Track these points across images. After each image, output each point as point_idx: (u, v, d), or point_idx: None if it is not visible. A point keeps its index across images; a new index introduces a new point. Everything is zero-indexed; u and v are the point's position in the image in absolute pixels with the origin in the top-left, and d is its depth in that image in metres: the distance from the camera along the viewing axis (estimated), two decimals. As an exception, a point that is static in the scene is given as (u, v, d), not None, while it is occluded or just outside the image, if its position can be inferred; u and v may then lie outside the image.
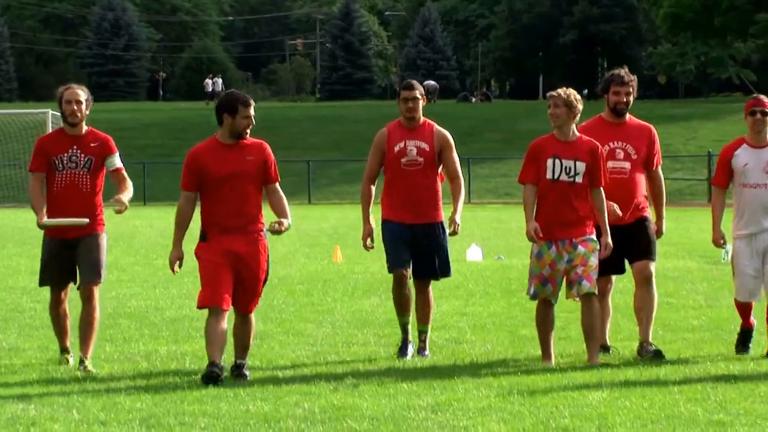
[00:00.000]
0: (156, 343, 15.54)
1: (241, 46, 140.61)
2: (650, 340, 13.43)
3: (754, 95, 12.94)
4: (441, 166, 13.59)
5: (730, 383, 11.92)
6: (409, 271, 13.97)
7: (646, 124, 13.84)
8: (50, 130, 65.88)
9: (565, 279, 12.98)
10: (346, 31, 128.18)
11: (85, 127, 13.24)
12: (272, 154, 12.61)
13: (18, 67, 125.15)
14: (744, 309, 12.99)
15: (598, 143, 12.96)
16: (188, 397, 11.73)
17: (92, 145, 13.19)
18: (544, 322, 13.08)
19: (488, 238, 34.78)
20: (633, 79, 13.53)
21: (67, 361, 13.65)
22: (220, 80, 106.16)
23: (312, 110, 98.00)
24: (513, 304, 18.93)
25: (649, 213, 13.58)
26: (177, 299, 20.24)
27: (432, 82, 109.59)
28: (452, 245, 14.24)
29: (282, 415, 11.03)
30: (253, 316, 12.92)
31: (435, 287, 20.77)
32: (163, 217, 42.93)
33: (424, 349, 14.02)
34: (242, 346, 12.82)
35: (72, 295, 13.86)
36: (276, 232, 12.50)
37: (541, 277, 12.84)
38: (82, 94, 13.14)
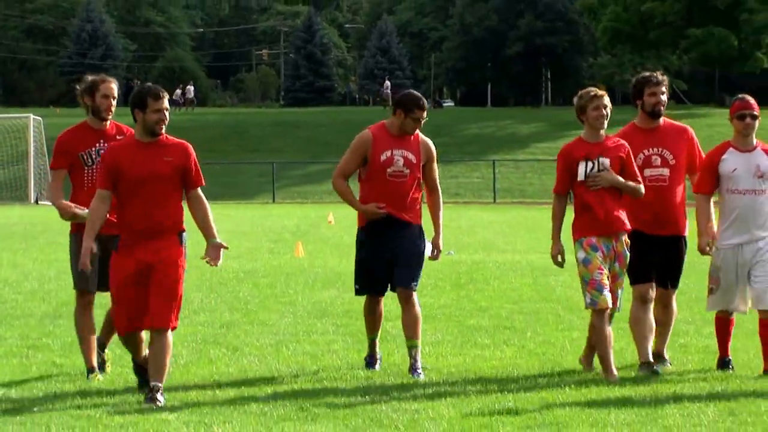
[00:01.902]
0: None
1: (210, 56, 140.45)
2: (665, 353, 12.46)
3: (740, 96, 11.78)
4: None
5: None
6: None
7: (683, 125, 12.57)
8: (32, 134, 66.08)
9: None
10: (309, 42, 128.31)
11: (109, 121, 12.10)
12: (195, 157, 10.96)
13: (2, 74, 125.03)
14: (725, 328, 11.84)
15: (626, 145, 11.79)
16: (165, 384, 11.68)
17: (119, 138, 11.87)
18: (603, 334, 11.63)
19: (454, 232, 34.77)
20: (666, 79, 12.27)
21: (98, 379, 11.91)
22: (192, 88, 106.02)
23: (276, 116, 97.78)
24: (462, 296, 18.92)
25: (687, 230, 12.18)
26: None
27: (388, 83, 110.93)
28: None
29: (247, 399, 11.03)
30: (170, 335, 10.73)
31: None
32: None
33: (417, 369, 12.19)
34: (156, 367, 10.68)
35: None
36: (213, 261, 10.87)
37: (594, 283, 11.49)
38: (116, 87, 12.12)
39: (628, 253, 11.65)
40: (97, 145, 11.82)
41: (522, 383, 11.80)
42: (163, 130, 10.75)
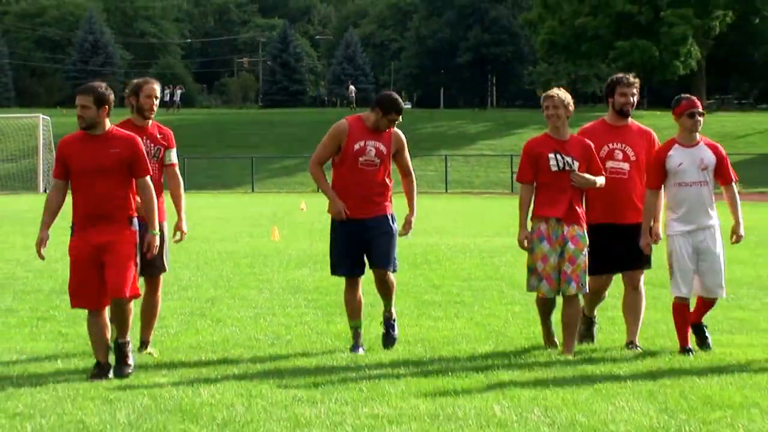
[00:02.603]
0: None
1: (197, 64, 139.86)
2: (637, 341, 11.66)
3: (685, 96, 11.40)
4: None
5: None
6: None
7: (647, 128, 12.03)
8: (41, 132, 65.80)
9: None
10: (284, 51, 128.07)
11: (151, 120, 11.65)
12: (141, 148, 10.46)
13: (15, 79, 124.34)
14: (683, 317, 11.20)
15: (589, 143, 11.41)
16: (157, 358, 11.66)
17: (158, 136, 11.63)
18: (545, 308, 11.41)
19: (398, 218, 34.74)
20: (636, 81, 11.85)
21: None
22: (179, 91, 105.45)
23: (255, 116, 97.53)
24: (417, 275, 18.89)
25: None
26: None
27: (352, 87, 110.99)
28: None
29: (229, 364, 11.05)
30: (131, 304, 10.38)
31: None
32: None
33: (390, 324, 12.00)
34: (120, 328, 10.39)
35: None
36: (147, 250, 10.42)
37: (536, 272, 11.13)
38: (159, 88, 11.71)
39: (584, 238, 11.16)
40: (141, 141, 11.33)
41: (469, 350, 11.83)
42: (85, 124, 10.27)
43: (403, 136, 11.90)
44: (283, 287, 17.57)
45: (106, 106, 10.25)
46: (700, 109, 11.17)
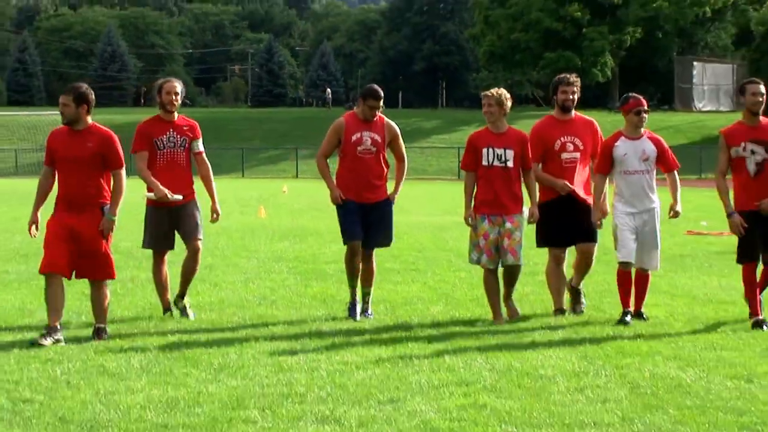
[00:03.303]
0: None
1: (197, 70, 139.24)
2: (581, 287, 11.45)
3: (632, 96, 11.10)
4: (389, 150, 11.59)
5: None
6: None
7: (590, 119, 11.68)
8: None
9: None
10: (269, 61, 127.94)
11: (176, 114, 11.28)
12: (116, 143, 9.98)
13: (45, 83, 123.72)
14: (626, 282, 10.86)
15: (525, 134, 11.15)
16: (145, 313, 11.65)
17: (185, 128, 11.24)
18: (490, 287, 10.95)
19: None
20: (577, 81, 11.53)
21: (171, 314, 11.37)
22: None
23: (245, 114, 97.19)
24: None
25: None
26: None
27: (329, 90, 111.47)
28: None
29: (223, 321, 11.06)
30: (105, 286, 10.05)
31: (325, 236, 20.77)
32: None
33: (367, 310, 11.46)
34: (98, 312, 10.04)
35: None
36: (105, 230, 9.86)
37: (478, 247, 10.84)
38: (179, 86, 11.31)
39: (520, 218, 10.86)
40: (168, 133, 11.14)
41: (423, 309, 11.86)
42: (67, 120, 9.90)
43: (396, 127, 11.54)
44: (268, 257, 17.57)
45: (86, 105, 9.86)
46: (645, 107, 10.96)
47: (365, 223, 11.37)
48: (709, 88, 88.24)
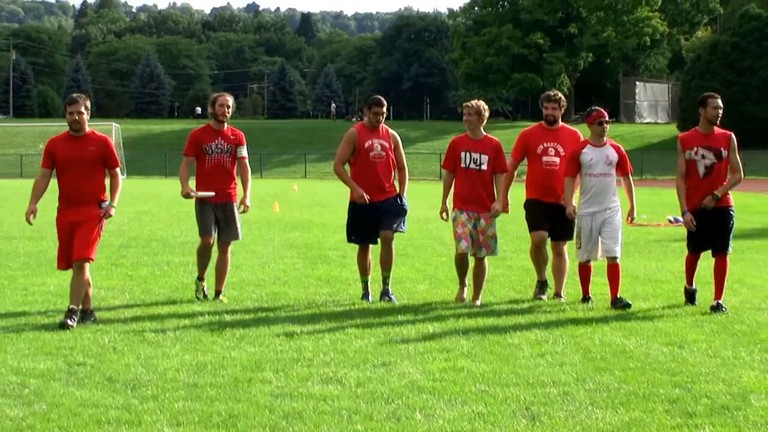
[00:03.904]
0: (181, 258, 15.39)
1: (221, 88, 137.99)
2: (562, 293, 10.95)
3: (596, 109, 10.74)
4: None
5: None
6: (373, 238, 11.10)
7: (575, 129, 11.19)
8: (113, 134, 65.30)
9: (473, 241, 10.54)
10: (282, 80, 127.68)
11: (226, 124, 10.85)
12: (112, 147, 9.63)
13: (95, 99, 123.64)
14: (586, 275, 10.63)
15: (499, 141, 10.81)
16: (178, 292, 11.63)
17: (231, 137, 10.82)
18: (460, 268, 10.64)
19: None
20: (560, 97, 10.98)
21: (203, 292, 10.96)
22: (199, 109, 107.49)
23: (262, 124, 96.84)
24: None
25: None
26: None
27: (333, 104, 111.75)
28: (340, 200, 13.81)
29: (243, 298, 11.05)
30: (87, 269, 9.39)
31: (328, 227, 20.77)
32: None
33: (388, 292, 10.91)
34: (75, 294, 9.33)
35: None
36: (106, 215, 9.47)
37: (457, 235, 10.50)
38: (230, 100, 10.91)
39: (491, 216, 10.54)
40: (216, 140, 10.75)
41: (411, 287, 11.86)
42: (78, 127, 9.40)
43: (398, 136, 11.11)
44: (281, 244, 17.57)
45: (88, 112, 9.52)
46: (606, 119, 10.69)
47: (378, 214, 10.83)
48: (649, 103, 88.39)
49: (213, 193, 10.69)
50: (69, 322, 9.07)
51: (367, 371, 7.38)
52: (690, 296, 10.50)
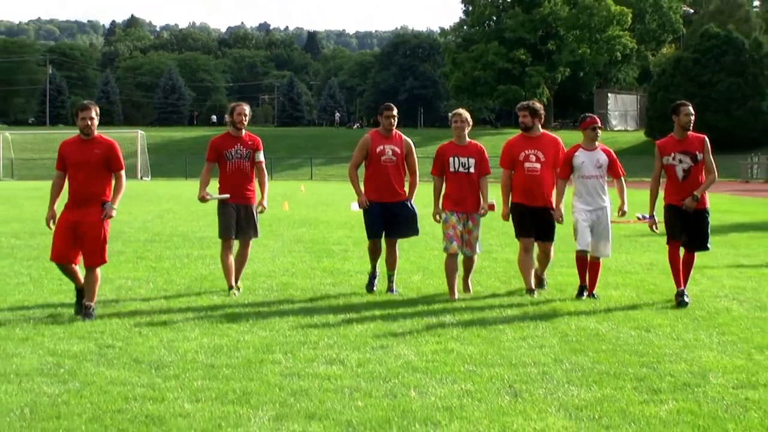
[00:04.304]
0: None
1: (235, 99, 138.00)
2: (545, 277, 10.75)
3: (589, 115, 10.54)
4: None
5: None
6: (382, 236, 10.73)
7: (555, 137, 10.78)
8: (138, 141, 65.42)
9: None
10: (290, 91, 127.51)
11: (243, 131, 10.57)
12: (117, 150, 9.27)
13: (123, 108, 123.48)
14: (583, 264, 10.22)
15: (483, 146, 10.60)
16: (197, 282, 11.62)
17: (249, 142, 10.55)
18: (450, 269, 10.27)
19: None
20: (531, 105, 10.63)
21: (234, 294, 10.35)
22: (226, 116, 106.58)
23: (273, 131, 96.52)
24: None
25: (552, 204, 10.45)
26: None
27: (338, 114, 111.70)
28: (343, 200, 13.80)
29: (256, 287, 11.02)
30: (98, 271, 9.10)
31: (332, 224, 20.74)
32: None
33: (391, 288, 10.62)
34: (89, 292, 9.05)
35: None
36: (106, 216, 9.05)
37: (448, 236, 10.23)
38: (247, 109, 10.68)
39: (480, 216, 10.38)
40: (236, 146, 10.48)
41: (406, 277, 11.83)
42: (89, 131, 9.13)
43: (411, 142, 10.82)
44: (290, 239, 17.55)
45: (98, 117, 9.27)
46: (599, 125, 10.45)
47: (388, 218, 10.57)
48: (620, 112, 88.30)
49: (228, 196, 10.46)
50: (92, 315, 8.88)
51: (366, 353, 7.38)
52: (680, 299, 9.78)
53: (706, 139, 10.10)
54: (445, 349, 7.53)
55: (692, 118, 9.93)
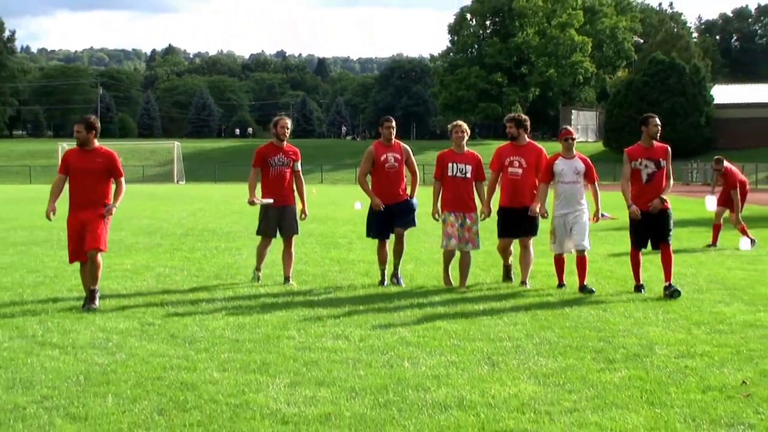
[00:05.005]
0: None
1: (257, 115, 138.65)
2: (527, 281, 10.09)
3: (565, 128, 10.08)
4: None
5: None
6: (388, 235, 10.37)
7: (539, 146, 10.31)
8: (176, 155, 65.35)
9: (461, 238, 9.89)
10: (303, 108, 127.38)
11: (285, 142, 10.32)
12: (117, 160, 8.69)
13: (161, 123, 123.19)
14: (560, 265, 9.92)
15: (479, 155, 10.26)
16: (224, 269, 11.58)
17: (290, 153, 10.25)
18: (447, 262, 10.03)
19: (365, 198, 34.53)
20: (517, 117, 10.21)
21: (258, 277, 10.34)
22: (250, 130, 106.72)
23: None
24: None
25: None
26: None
27: (344, 128, 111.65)
28: (348, 200, 13.69)
29: (274, 274, 10.93)
30: (99, 257, 8.54)
31: (339, 221, 20.70)
32: (227, 189, 41.93)
33: (397, 275, 10.28)
34: (92, 277, 8.52)
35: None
36: (108, 213, 8.59)
37: (447, 234, 9.86)
38: (289, 122, 10.42)
39: (476, 216, 9.96)
40: (278, 155, 10.17)
41: (401, 267, 11.78)
42: (80, 142, 8.64)
43: (408, 148, 10.44)
44: (302, 233, 17.30)
45: (93, 131, 8.65)
46: (573, 136, 10.03)
47: (392, 214, 10.19)
48: (581, 126, 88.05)
49: (272, 200, 10.10)
50: (93, 305, 8.43)
51: (367, 330, 7.37)
52: (638, 289, 9.67)
53: (669, 148, 9.82)
54: (434, 326, 7.52)
55: (659, 128, 9.65)
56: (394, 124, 10.26)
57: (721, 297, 9.30)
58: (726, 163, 15.77)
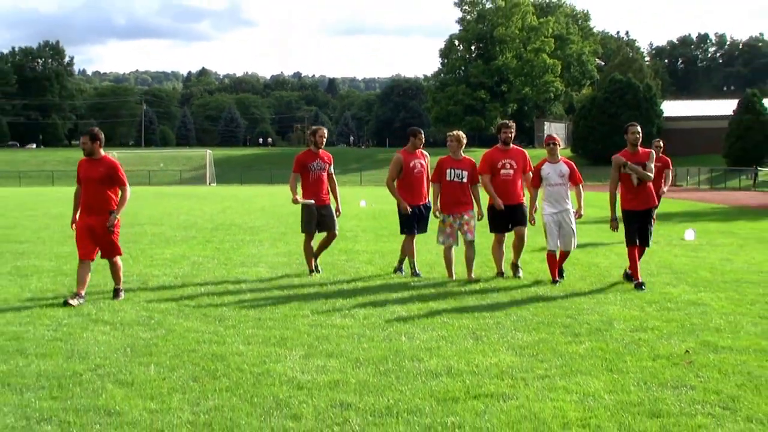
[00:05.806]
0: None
1: (277, 126, 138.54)
2: (519, 263, 9.83)
3: (548, 135, 9.64)
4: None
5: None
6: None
7: (522, 150, 9.85)
8: (208, 161, 65.16)
9: (459, 232, 9.45)
10: (316, 121, 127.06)
11: (321, 149, 9.85)
12: (119, 169, 8.01)
13: (196, 134, 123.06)
14: (553, 261, 9.31)
15: (474, 161, 9.70)
16: (244, 261, 11.55)
17: (325, 158, 9.82)
18: (448, 259, 9.56)
19: (369, 197, 34.45)
20: (512, 125, 9.75)
21: (316, 273, 9.86)
22: (270, 139, 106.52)
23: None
24: (377, 225, 18.87)
25: (524, 200, 9.66)
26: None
27: (351, 137, 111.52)
28: (354, 199, 13.51)
29: (291, 263, 10.93)
30: (117, 259, 8.13)
31: (346, 216, 20.58)
32: (251, 190, 41.80)
33: (415, 271, 9.79)
34: (115, 278, 8.17)
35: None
36: (110, 225, 7.96)
37: (445, 233, 9.43)
38: (325, 131, 9.92)
39: (474, 212, 9.61)
40: (316, 161, 9.76)
41: (397, 258, 11.79)
42: (86, 152, 8.02)
43: (428, 156, 9.91)
44: (316, 227, 17.42)
45: (98, 141, 7.99)
46: (556, 141, 9.53)
47: (418, 218, 9.77)
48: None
49: (313, 201, 9.73)
50: (117, 297, 8.05)
51: (370, 309, 7.35)
52: (638, 287, 8.88)
53: (652, 152, 9.40)
54: (426, 306, 7.51)
55: (638, 135, 9.17)
56: (422, 137, 9.82)
57: (669, 280, 9.30)
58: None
